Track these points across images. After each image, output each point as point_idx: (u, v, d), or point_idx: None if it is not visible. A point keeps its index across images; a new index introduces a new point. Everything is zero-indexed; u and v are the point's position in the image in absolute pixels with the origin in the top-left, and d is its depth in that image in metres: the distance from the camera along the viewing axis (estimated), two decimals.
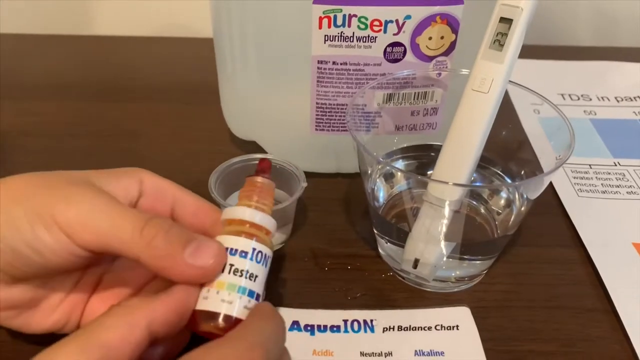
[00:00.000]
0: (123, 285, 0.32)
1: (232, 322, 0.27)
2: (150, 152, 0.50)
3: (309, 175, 0.40)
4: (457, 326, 0.35)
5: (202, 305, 0.27)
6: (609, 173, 0.48)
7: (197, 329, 0.27)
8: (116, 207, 0.27)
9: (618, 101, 0.58)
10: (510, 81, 0.36)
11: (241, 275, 0.27)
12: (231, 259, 0.28)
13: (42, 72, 0.62)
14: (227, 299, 0.27)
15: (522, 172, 0.40)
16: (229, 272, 0.27)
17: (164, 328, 0.26)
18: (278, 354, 0.26)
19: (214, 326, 0.27)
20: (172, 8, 0.70)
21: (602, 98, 0.58)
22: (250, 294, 0.27)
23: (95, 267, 0.32)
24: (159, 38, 0.69)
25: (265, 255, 0.29)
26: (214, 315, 0.27)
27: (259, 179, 0.31)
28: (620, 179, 0.47)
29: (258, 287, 0.28)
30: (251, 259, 0.28)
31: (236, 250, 0.28)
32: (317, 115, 0.43)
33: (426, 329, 0.35)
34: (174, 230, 0.27)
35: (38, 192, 0.27)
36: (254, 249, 0.28)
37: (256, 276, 0.28)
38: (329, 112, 0.42)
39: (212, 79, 0.48)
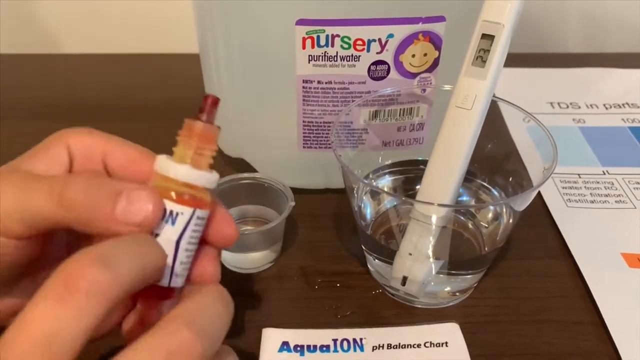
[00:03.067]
0: None
1: None
2: None
3: (298, 191, 0.40)
4: (446, 343, 0.35)
5: None
6: (598, 182, 0.48)
7: None
8: (29, 178, 0.25)
9: (607, 108, 0.58)
10: (494, 96, 0.36)
11: None
12: None
13: (32, 92, 0.62)
14: None
15: (510, 182, 0.40)
16: None
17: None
18: (221, 330, 0.24)
19: None
20: (160, 25, 0.70)
21: (591, 105, 0.58)
22: None
23: None
24: (148, 55, 0.69)
25: (171, 211, 0.25)
26: None
27: (200, 125, 0.26)
28: (609, 187, 0.47)
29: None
30: None
31: None
32: (304, 133, 0.43)
33: (415, 346, 0.35)
34: (94, 183, 0.24)
35: None
36: None
37: (156, 235, 0.25)
38: (315, 130, 0.42)
39: (201, 96, 0.48)
